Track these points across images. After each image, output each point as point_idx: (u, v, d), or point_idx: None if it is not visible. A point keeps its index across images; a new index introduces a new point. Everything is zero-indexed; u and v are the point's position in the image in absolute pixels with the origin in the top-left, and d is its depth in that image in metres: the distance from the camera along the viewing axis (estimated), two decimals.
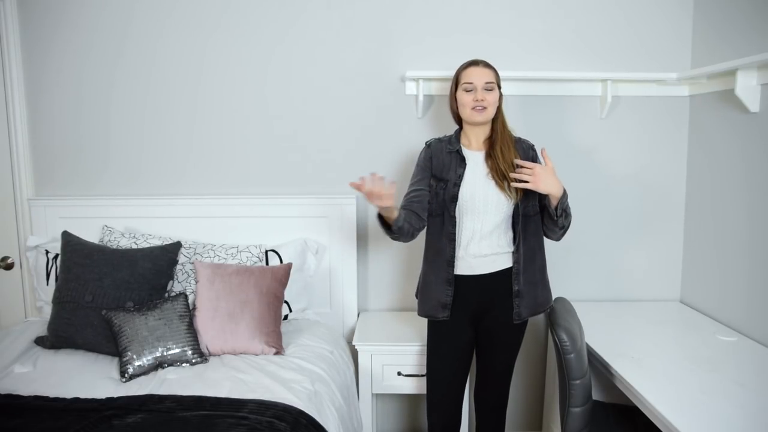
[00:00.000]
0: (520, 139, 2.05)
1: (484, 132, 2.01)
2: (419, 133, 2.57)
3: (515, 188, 1.91)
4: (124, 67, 2.58)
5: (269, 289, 2.24)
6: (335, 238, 2.59)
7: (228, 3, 2.54)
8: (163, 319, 2.10)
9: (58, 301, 2.22)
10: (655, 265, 2.66)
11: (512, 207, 1.96)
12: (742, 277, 2.21)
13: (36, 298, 2.56)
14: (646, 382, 1.76)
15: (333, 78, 2.58)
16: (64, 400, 1.81)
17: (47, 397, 1.82)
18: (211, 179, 2.64)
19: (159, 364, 2.04)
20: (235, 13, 2.54)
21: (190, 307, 2.23)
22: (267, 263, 2.45)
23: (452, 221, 1.97)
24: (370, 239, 2.67)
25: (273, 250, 2.48)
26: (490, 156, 1.96)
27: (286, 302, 2.44)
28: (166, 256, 2.34)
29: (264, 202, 2.59)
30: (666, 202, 2.63)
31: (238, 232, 2.57)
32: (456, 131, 2.07)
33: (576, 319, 1.93)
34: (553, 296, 2.10)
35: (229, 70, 2.58)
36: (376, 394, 2.53)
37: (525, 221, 1.98)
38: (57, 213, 2.59)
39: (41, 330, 2.30)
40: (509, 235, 1.99)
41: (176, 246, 2.40)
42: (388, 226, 1.92)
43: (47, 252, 2.50)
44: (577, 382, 1.78)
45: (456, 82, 2.00)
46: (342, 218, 2.58)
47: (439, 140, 2.08)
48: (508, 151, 1.95)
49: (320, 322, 2.54)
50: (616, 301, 2.65)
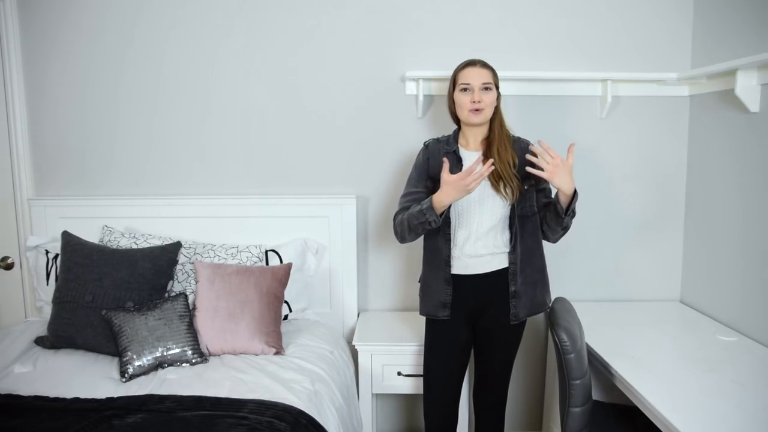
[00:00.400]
0: (519, 139, 2.05)
1: (482, 132, 2.01)
2: (419, 133, 2.57)
3: (511, 190, 1.91)
4: (125, 69, 2.57)
5: (269, 289, 2.24)
6: (335, 238, 2.59)
7: (231, 6, 2.54)
8: (163, 319, 2.10)
9: (58, 301, 2.22)
10: (655, 265, 2.66)
11: (508, 208, 1.96)
12: (741, 277, 2.21)
13: (36, 298, 2.56)
14: (646, 382, 1.76)
15: (333, 78, 2.58)
16: (64, 400, 1.81)
17: (47, 397, 1.82)
18: (212, 179, 2.64)
19: (159, 364, 2.04)
20: (236, 14, 2.54)
21: (190, 307, 2.23)
22: (267, 263, 2.45)
23: (447, 222, 1.98)
24: (370, 239, 2.67)
25: (273, 250, 2.48)
26: (486, 156, 1.96)
27: (286, 302, 2.44)
28: (166, 256, 2.34)
29: (264, 202, 2.59)
30: (666, 202, 2.63)
31: (238, 232, 2.57)
32: (454, 131, 2.07)
33: (576, 319, 1.93)
34: (553, 297, 2.10)
35: (230, 71, 2.58)
36: (376, 394, 2.53)
37: (522, 222, 1.97)
38: (57, 213, 2.59)
39: (41, 330, 2.30)
40: (506, 235, 1.98)
41: (176, 246, 2.40)
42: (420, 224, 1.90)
43: (47, 252, 2.50)
44: (577, 382, 1.77)
45: (453, 82, 2.00)
46: (342, 218, 2.58)
47: (437, 141, 2.08)
48: (505, 152, 1.95)
49: (320, 322, 2.54)
50: (616, 301, 2.65)
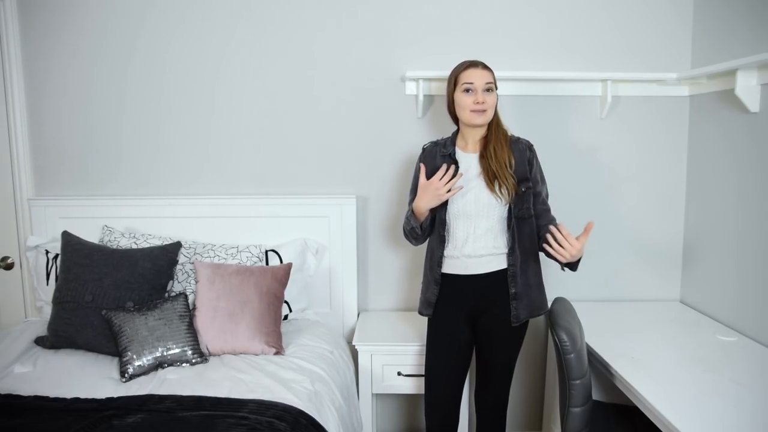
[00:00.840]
0: (519, 139, 2.04)
1: (481, 132, 2.01)
2: (419, 133, 2.57)
3: (506, 190, 1.91)
4: (128, 70, 2.57)
5: (269, 289, 2.24)
6: (335, 238, 2.59)
7: (232, 7, 2.53)
8: (163, 319, 2.10)
9: (58, 301, 2.22)
10: (654, 265, 2.66)
11: (505, 209, 1.96)
12: (741, 277, 2.21)
13: (36, 298, 2.56)
14: (646, 382, 1.76)
15: (333, 78, 2.58)
16: (64, 400, 1.81)
17: (47, 397, 1.82)
18: (212, 179, 2.64)
19: (159, 364, 2.04)
20: (237, 16, 2.54)
21: (190, 307, 2.23)
22: (267, 263, 2.45)
23: (443, 224, 1.99)
24: (370, 239, 2.67)
25: (273, 250, 2.48)
26: (483, 156, 1.96)
27: (286, 302, 2.44)
28: (166, 256, 2.34)
29: (264, 202, 2.59)
30: (666, 202, 2.63)
31: (238, 232, 2.57)
32: (453, 133, 2.07)
33: (576, 319, 1.93)
34: (552, 297, 2.09)
35: (230, 72, 2.58)
36: (376, 394, 2.53)
37: (519, 223, 1.97)
38: (57, 213, 2.59)
39: (41, 330, 2.30)
40: (505, 236, 1.98)
41: (176, 246, 2.40)
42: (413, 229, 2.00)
43: (47, 252, 2.50)
44: (577, 382, 1.77)
45: (454, 82, 1.99)
46: (342, 218, 2.58)
47: (435, 143, 2.09)
48: (501, 151, 1.94)
49: (320, 322, 2.54)
50: (616, 301, 2.65)
